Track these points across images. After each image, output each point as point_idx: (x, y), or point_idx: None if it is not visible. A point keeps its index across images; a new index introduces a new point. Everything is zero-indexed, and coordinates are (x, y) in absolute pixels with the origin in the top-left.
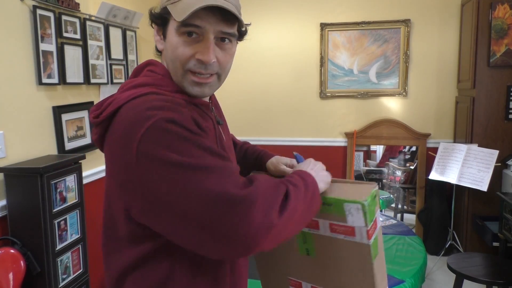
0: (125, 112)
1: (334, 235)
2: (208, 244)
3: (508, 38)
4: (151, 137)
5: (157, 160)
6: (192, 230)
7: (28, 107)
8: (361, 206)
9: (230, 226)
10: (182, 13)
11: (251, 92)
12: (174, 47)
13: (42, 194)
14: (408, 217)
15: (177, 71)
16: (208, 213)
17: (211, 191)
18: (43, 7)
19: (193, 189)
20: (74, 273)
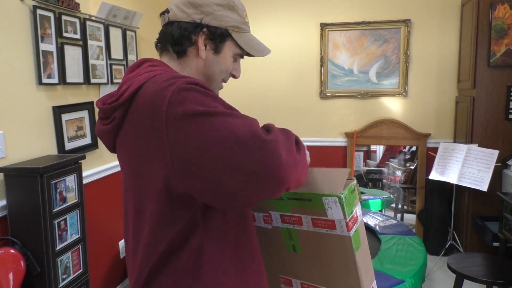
0: (147, 88)
1: (317, 229)
2: (246, 185)
3: (508, 38)
4: (177, 98)
5: (187, 115)
6: (229, 173)
7: (28, 107)
8: (338, 199)
9: (263, 163)
10: (256, 51)
11: (251, 92)
12: (229, 63)
13: (42, 194)
14: (408, 217)
15: (217, 79)
16: (242, 152)
17: (243, 132)
18: (43, 7)
19: (225, 133)
20: (74, 273)
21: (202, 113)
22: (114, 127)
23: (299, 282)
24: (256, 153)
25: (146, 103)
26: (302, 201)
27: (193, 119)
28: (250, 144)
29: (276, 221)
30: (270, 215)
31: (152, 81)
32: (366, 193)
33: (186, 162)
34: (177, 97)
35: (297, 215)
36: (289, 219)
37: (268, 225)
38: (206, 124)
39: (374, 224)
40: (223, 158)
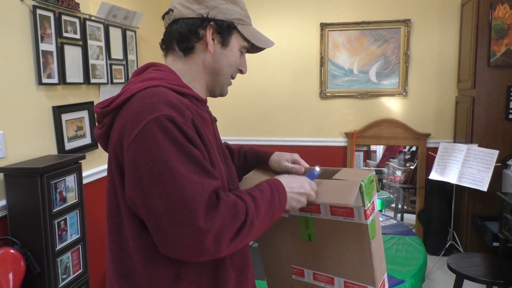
0: (135, 101)
1: (334, 217)
2: (160, 239)
3: (508, 38)
4: (150, 130)
5: (147, 152)
6: (155, 223)
7: (28, 107)
8: (359, 186)
9: (186, 242)
10: (262, 42)
11: (251, 92)
12: (236, 57)
13: (42, 194)
14: (408, 217)
15: (226, 75)
16: (168, 219)
17: (180, 205)
18: (43, 7)
19: (167, 193)
20: (74, 273)
21: (161, 161)
22: (105, 132)
23: (311, 272)
24: (184, 227)
25: (125, 119)
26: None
27: (149, 164)
28: (182, 220)
29: (294, 209)
30: None
31: (140, 96)
32: None
33: (135, 188)
34: (146, 132)
35: (315, 203)
36: (307, 207)
37: (285, 214)
38: (160, 170)
39: None
40: (155, 210)
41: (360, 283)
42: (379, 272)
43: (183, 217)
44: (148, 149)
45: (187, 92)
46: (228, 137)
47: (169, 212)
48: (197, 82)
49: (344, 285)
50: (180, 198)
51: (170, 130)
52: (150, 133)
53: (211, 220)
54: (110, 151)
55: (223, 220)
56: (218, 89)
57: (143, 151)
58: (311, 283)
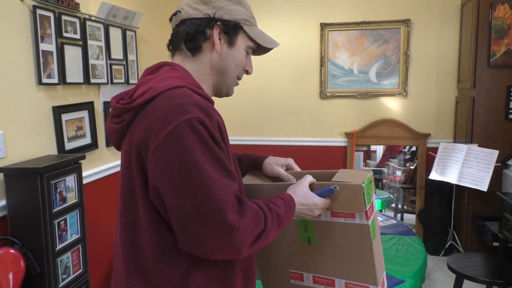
0: (163, 101)
1: (335, 219)
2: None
3: (508, 38)
4: (181, 132)
5: (175, 156)
6: (181, 220)
7: (28, 107)
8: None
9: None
10: (268, 42)
11: (251, 92)
12: (243, 57)
13: (42, 194)
14: (408, 217)
15: (232, 75)
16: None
17: (209, 204)
18: (43, 7)
19: (196, 192)
20: (74, 273)
21: (190, 162)
22: (123, 128)
23: (311, 275)
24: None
25: (153, 118)
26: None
27: (180, 160)
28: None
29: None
30: None
31: (167, 95)
32: None
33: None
34: (178, 133)
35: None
36: None
37: None
38: (186, 174)
39: None
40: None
41: (361, 283)
42: (379, 271)
43: (211, 215)
44: (179, 149)
45: (202, 94)
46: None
47: (197, 210)
48: (205, 82)
49: (345, 286)
50: (209, 198)
51: (201, 132)
52: (181, 134)
53: (240, 221)
54: (132, 148)
55: (248, 224)
56: (224, 89)
57: (174, 151)
58: (311, 287)
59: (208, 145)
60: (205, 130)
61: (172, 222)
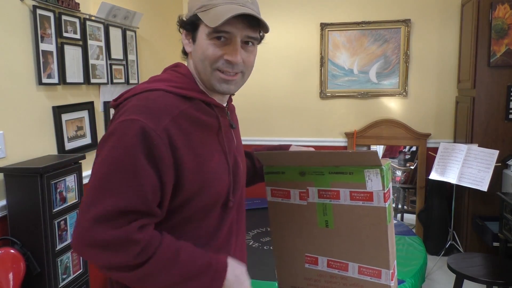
0: (131, 102)
1: (354, 202)
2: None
3: (508, 38)
4: (118, 128)
5: (104, 144)
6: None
7: (28, 107)
8: (380, 170)
9: (77, 226)
10: (215, 20)
11: (251, 92)
12: (205, 48)
13: (42, 194)
14: (408, 217)
15: (206, 70)
16: (83, 207)
17: (95, 199)
18: (43, 7)
19: (94, 185)
20: (74, 273)
21: (108, 163)
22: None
23: (325, 259)
24: (82, 223)
25: (117, 115)
26: (343, 175)
27: (99, 154)
28: (107, 220)
29: (313, 196)
30: (307, 190)
31: (136, 97)
32: None
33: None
34: (111, 130)
35: (335, 189)
36: (327, 194)
37: (303, 201)
38: (96, 168)
39: None
40: (88, 197)
41: (374, 267)
42: (392, 256)
43: (83, 212)
44: (103, 145)
45: (192, 96)
46: None
47: (83, 201)
48: (199, 82)
49: (358, 270)
50: (91, 195)
51: (128, 134)
52: (114, 131)
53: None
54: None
55: (108, 240)
56: (209, 86)
57: (101, 144)
58: (325, 271)
59: (133, 148)
60: (141, 134)
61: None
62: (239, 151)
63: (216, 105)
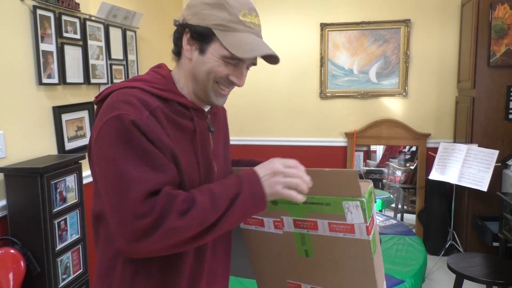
0: (109, 99)
1: (334, 233)
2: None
3: (508, 38)
4: (106, 129)
5: (100, 150)
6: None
7: (28, 107)
8: (360, 203)
9: (117, 231)
10: (242, 51)
11: (251, 92)
12: (215, 65)
13: (42, 194)
14: (408, 217)
15: (208, 82)
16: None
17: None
18: (43, 7)
19: (112, 185)
20: (74, 273)
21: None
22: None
23: (309, 286)
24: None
25: (100, 113)
26: (320, 206)
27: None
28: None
29: (288, 226)
30: (282, 220)
31: (114, 94)
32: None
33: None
34: (103, 131)
35: (312, 220)
36: (303, 224)
37: (279, 230)
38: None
39: None
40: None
41: None
42: (380, 283)
43: (120, 211)
44: (102, 146)
45: (167, 97)
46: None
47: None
48: (186, 87)
49: None
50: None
51: (124, 127)
52: (105, 131)
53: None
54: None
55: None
56: (203, 96)
57: (99, 148)
58: None
59: (129, 139)
60: (131, 124)
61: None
62: (216, 155)
63: (194, 108)
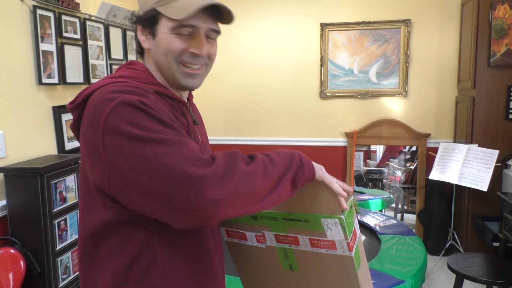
0: (94, 96)
1: (315, 249)
2: (174, 214)
3: (508, 38)
4: (115, 116)
5: (120, 135)
6: (157, 203)
7: (28, 107)
8: (339, 220)
9: (188, 201)
10: (181, 13)
11: (251, 92)
12: (169, 41)
13: (42, 194)
14: (408, 217)
15: (170, 64)
16: (169, 187)
17: (168, 167)
18: (43, 7)
19: (152, 164)
20: (74, 273)
21: (136, 137)
22: (75, 127)
23: None
24: (182, 189)
25: (89, 113)
26: (299, 222)
27: (127, 141)
28: (177, 180)
29: (270, 240)
30: (264, 234)
31: (100, 90)
32: (366, 193)
33: (122, 180)
34: (113, 116)
35: (293, 235)
36: (285, 239)
37: (262, 244)
38: (138, 151)
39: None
40: (151, 188)
41: None
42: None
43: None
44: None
45: (160, 91)
46: (228, 137)
47: (160, 179)
48: (160, 78)
49: None
50: (168, 164)
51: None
52: (114, 122)
53: (206, 169)
54: (82, 145)
55: (219, 169)
56: (172, 80)
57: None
58: None
59: (148, 113)
60: (139, 104)
61: (146, 208)
62: (204, 147)
63: (178, 100)
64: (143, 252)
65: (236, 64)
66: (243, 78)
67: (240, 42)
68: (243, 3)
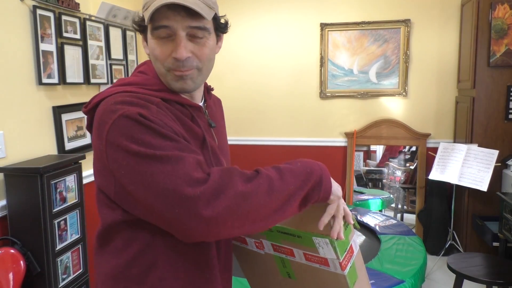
0: (102, 105)
1: (310, 263)
2: (171, 230)
3: (508, 38)
4: (115, 129)
5: (119, 149)
6: (152, 216)
7: (28, 107)
8: (330, 241)
9: (180, 220)
10: (148, 15)
11: (251, 92)
12: (153, 48)
13: (42, 194)
14: (408, 217)
15: (160, 71)
16: (160, 205)
17: (162, 186)
18: (43, 7)
19: (148, 181)
20: (74, 273)
21: (133, 152)
22: (89, 126)
23: None
24: (175, 208)
25: (96, 122)
26: (292, 236)
27: (126, 156)
28: (170, 198)
29: (268, 248)
30: (261, 242)
31: (106, 100)
32: (366, 193)
33: (124, 190)
34: (114, 129)
35: (288, 247)
36: (281, 250)
37: (261, 250)
38: (136, 166)
39: (374, 224)
40: (149, 203)
41: None
42: None
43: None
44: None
45: (168, 98)
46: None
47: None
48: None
49: None
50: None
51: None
52: (115, 135)
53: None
54: (92, 145)
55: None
56: (168, 86)
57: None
58: None
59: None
60: (140, 117)
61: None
62: (223, 151)
63: (190, 105)
64: (145, 252)
65: (236, 64)
66: (243, 78)
67: (240, 42)
68: (243, 3)
